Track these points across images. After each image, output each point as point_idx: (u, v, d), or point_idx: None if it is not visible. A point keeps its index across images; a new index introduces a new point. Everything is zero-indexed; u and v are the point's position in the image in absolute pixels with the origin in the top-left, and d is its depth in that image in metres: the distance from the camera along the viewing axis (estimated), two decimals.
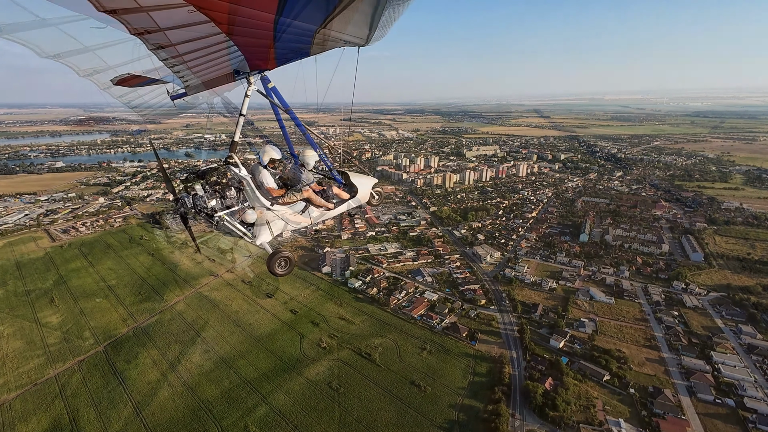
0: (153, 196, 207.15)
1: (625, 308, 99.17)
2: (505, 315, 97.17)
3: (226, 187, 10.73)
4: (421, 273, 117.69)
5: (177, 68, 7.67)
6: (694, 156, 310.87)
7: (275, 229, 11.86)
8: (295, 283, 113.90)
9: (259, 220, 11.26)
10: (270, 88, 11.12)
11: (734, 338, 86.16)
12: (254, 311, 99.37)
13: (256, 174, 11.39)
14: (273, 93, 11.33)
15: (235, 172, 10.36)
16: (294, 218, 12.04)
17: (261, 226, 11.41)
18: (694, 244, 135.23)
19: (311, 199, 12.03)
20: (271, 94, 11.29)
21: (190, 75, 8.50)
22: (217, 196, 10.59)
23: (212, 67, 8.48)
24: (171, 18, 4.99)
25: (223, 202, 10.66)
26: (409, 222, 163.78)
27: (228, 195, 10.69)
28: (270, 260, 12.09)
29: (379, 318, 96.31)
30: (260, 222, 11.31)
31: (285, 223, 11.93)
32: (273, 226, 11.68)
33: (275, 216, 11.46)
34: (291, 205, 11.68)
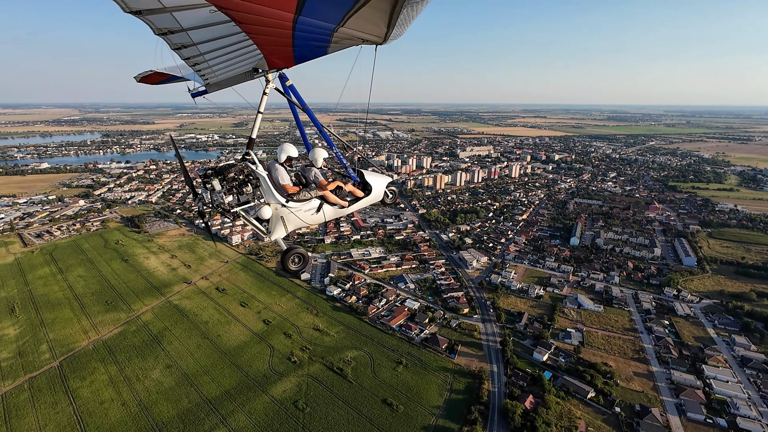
0: (136, 198, 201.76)
1: (614, 317, 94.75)
2: (488, 325, 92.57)
3: (243, 183, 10.61)
4: (404, 279, 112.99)
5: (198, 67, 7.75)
6: (689, 156, 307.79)
7: (290, 226, 11.70)
8: (271, 290, 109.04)
9: (275, 217, 11.22)
10: (288, 86, 11.12)
11: (727, 350, 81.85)
12: (225, 321, 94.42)
13: (272, 171, 11.46)
14: (290, 91, 11.28)
15: (252, 168, 10.55)
16: (308, 215, 11.84)
17: (276, 223, 11.38)
18: (687, 247, 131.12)
19: (326, 197, 12.00)
20: (289, 92, 11.27)
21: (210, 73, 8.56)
22: (234, 192, 10.50)
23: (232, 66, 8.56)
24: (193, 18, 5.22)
25: (240, 199, 10.60)
26: (396, 225, 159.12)
27: (245, 191, 10.62)
28: (284, 256, 11.89)
29: (356, 328, 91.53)
30: (275, 218, 11.25)
31: (300, 219, 11.76)
32: (288, 222, 11.55)
33: (290, 213, 11.38)
34: (306, 203, 11.61)
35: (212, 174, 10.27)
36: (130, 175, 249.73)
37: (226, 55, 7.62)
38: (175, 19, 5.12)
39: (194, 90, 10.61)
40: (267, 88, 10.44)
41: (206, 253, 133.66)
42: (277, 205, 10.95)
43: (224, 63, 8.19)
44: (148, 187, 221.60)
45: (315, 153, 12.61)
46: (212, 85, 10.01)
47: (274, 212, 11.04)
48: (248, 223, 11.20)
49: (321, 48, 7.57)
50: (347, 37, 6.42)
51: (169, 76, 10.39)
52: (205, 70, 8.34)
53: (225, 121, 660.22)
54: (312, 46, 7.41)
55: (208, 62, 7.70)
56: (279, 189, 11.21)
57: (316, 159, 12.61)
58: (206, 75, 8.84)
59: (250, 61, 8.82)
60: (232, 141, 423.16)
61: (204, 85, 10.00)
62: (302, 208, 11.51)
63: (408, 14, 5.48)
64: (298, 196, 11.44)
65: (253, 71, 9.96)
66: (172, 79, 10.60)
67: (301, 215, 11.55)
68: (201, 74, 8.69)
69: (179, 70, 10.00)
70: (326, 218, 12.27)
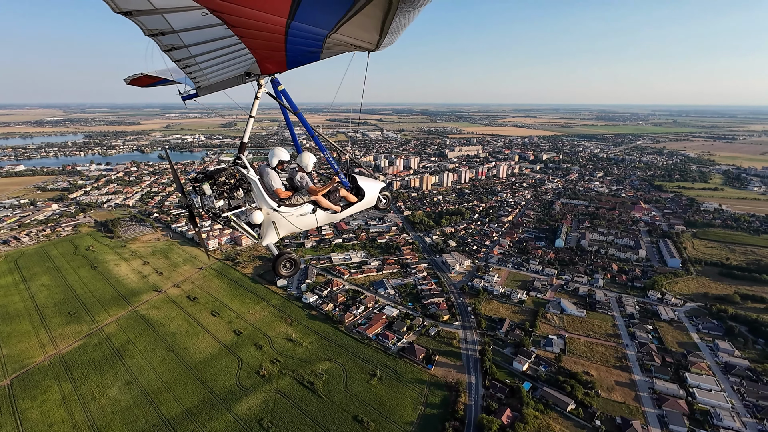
0: (112, 201, 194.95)
1: (597, 322, 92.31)
2: (469, 332, 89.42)
3: (234, 188, 10.33)
4: (384, 285, 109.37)
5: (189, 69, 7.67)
6: (676, 155, 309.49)
7: (282, 231, 11.40)
8: (245, 298, 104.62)
9: (266, 222, 10.96)
10: (280, 90, 10.89)
11: (710, 356, 79.79)
12: (193, 333, 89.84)
13: (264, 175, 11.22)
14: (283, 95, 11.05)
15: (244, 173, 10.27)
16: (301, 220, 11.54)
17: (268, 228, 11.10)
18: (672, 248, 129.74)
19: (319, 202, 11.71)
20: (281, 96, 11.03)
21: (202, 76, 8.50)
22: (225, 196, 10.18)
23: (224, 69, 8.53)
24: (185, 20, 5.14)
25: (231, 203, 10.30)
26: (379, 228, 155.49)
27: (236, 196, 10.36)
28: (275, 262, 11.18)
29: (331, 338, 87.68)
30: (267, 223, 11.02)
31: (292, 224, 11.41)
32: (280, 227, 11.25)
33: (282, 218, 11.07)
34: (298, 207, 11.34)
35: (203, 178, 9.95)
36: (109, 177, 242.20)
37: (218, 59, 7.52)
38: (166, 20, 5.06)
39: (185, 93, 10.28)
40: (259, 93, 10.22)
41: (180, 259, 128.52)
42: (268, 210, 10.74)
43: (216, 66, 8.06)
44: (127, 190, 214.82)
45: (304, 157, 12.28)
46: (203, 89, 9.76)
47: (266, 217, 10.84)
48: (239, 228, 10.88)
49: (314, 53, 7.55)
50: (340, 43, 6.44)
51: (159, 78, 10.09)
52: (196, 73, 8.18)
53: (213, 122, 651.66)
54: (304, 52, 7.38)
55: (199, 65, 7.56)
56: (271, 193, 11.01)
57: (306, 163, 12.29)
58: (197, 78, 8.65)
59: (242, 65, 8.74)
60: (218, 142, 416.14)
61: (195, 88, 9.74)
62: (294, 213, 11.32)
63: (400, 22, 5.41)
64: (290, 201, 11.26)
65: (245, 75, 9.75)
66: (162, 82, 10.37)
67: (293, 220, 11.37)
68: (192, 77, 8.48)
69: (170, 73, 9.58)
70: (319, 223, 12.08)
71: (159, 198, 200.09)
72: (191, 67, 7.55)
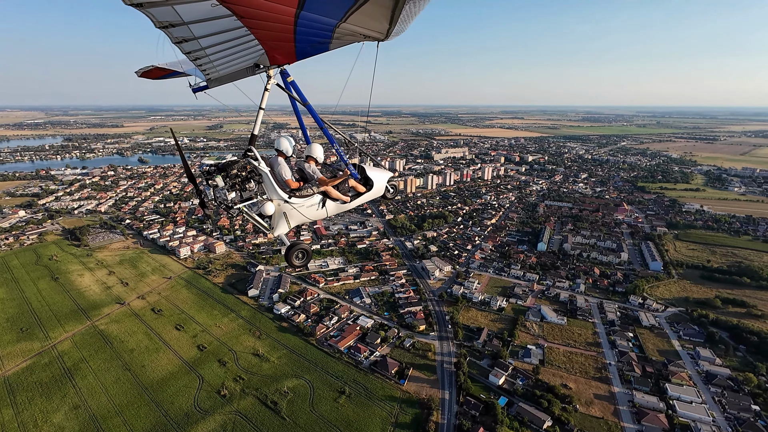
0: (84, 207, 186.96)
1: (577, 330, 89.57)
2: (445, 343, 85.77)
3: (245, 180, 10.40)
4: (360, 294, 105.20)
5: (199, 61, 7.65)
6: (659, 156, 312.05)
7: (293, 222, 11.46)
8: (213, 310, 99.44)
9: (277, 213, 11.02)
10: (289, 82, 10.76)
11: (691, 364, 77.50)
12: (154, 349, 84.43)
13: (274, 167, 11.33)
14: (292, 87, 10.93)
15: (255, 165, 10.43)
16: (311, 211, 11.56)
17: (279, 218, 11.18)
18: (654, 251, 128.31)
19: (328, 192, 11.71)
20: (290, 88, 10.91)
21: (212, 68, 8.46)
22: (237, 188, 10.30)
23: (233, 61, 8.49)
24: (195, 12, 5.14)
25: (243, 195, 10.44)
26: (360, 232, 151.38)
27: (247, 187, 10.45)
28: (288, 252, 11.75)
29: (301, 352, 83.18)
30: (278, 214, 11.07)
31: (302, 215, 11.45)
32: (291, 218, 11.32)
33: (293, 208, 11.18)
34: (308, 198, 11.38)
35: (215, 171, 10.00)
36: (84, 182, 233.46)
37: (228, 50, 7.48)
38: (176, 12, 5.07)
39: (195, 85, 10.17)
40: (268, 84, 10.11)
41: (149, 269, 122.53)
42: (279, 201, 10.79)
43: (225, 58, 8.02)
44: (101, 195, 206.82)
45: (313, 149, 12.23)
46: (213, 81, 9.57)
47: (277, 208, 10.87)
48: (250, 219, 10.96)
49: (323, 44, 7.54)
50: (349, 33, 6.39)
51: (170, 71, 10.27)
52: (206, 65, 8.13)
53: (199, 124, 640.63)
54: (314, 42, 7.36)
55: (209, 57, 7.53)
56: (281, 185, 11.03)
57: (316, 154, 12.20)
58: (207, 70, 8.57)
59: (251, 57, 8.70)
60: (202, 144, 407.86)
61: (205, 80, 9.59)
62: (305, 204, 11.34)
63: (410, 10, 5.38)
64: (300, 192, 11.30)
65: (255, 67, 9.67)
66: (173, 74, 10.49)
67: (303, 211, 11.37)
68: (202, 69, 8.41)
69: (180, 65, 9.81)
70: (329, 213, 12.03)
71: (134, 203, 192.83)
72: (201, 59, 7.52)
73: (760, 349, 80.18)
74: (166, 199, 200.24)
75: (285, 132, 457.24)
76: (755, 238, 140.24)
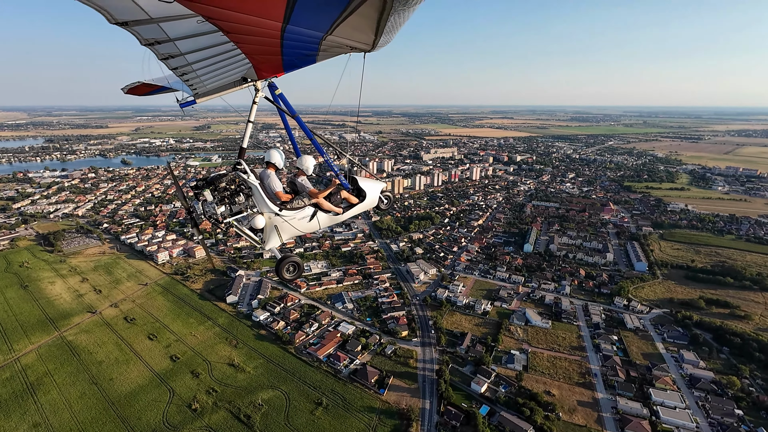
0: (61, 211, 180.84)
1: (561, 333, 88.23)
2: (428, 349, 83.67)
3: (235, 193, 10.23)
4: (342, 299, 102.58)
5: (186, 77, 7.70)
6: (645, 155, 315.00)
7: (284, 235, 11.22)
8: (189, 318, 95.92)
9: (268, 226, 10.80)
10: (277, 94, 10.80)
11: (675, 368, 76.62)
12: (124, 360, 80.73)
13: (264, 179, 11.16)
14: (280, 99, 10.93)
15: (244, 178, 10.29)
16: (303, 223, 11.33)
17: (270, 232, 10.94)
18: (639, 251, 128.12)
19: (320, 204, 11.56)
20: (279, 100, 10.90)
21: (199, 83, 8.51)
22: (226, 202, 10.15)
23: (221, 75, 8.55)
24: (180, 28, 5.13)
25: (232, 209, 10.26)
26: (345, 235, 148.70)
27: (237, 201, 10.27)
28: (279, 265, 11.72)
29: (279, 361, 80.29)
30: (269, 227, 10.83)
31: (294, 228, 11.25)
32: (282, 231, 11.07)
33: (284, 221, 10.93)
34: (299, 210, 11.16)
35: (203, 185, 9.94)
36: (63, 184, 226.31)
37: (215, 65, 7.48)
38: (162, 29, 5.07)
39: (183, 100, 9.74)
40: (256, 97, 10.11)
41: (124, 275, 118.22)
42: (270, 214, 10.64)
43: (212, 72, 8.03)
44: (79, 198, 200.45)
45: (304, 160, 11.90)
46: (201, 95, 9.61)
47: (268, 221, 10.72)
48: (241, 233, 10.91)
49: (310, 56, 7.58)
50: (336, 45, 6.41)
51: (157, 87, 9.90)
52: (193, 80, 8.15)
53: (186, 125, 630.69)
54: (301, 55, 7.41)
55: (195, 72, 7.52)
56: (272, 197, 10.91)
57: (306, 166, 11.90)
58: (194, 85, 8.60)
59: (238, 71, 8.70)
60: (187, 145, 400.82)
61: (192, 95, 9.54)
62: (296, 216, 11.14)
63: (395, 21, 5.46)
64: (291, 205, 11.13)
65: (242, 80, 9.68)
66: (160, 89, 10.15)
67: (295, 223, 11.16)
68: (189, 84, 8.44)
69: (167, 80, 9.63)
70: (321, 226, 11.88)
71: (113, 206, 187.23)
72: (188, 75, 7.52)
73: (743, 351, 79.67)
74: (147, 202, 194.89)
75: (274, 132, 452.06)
76: (738, 237, 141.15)
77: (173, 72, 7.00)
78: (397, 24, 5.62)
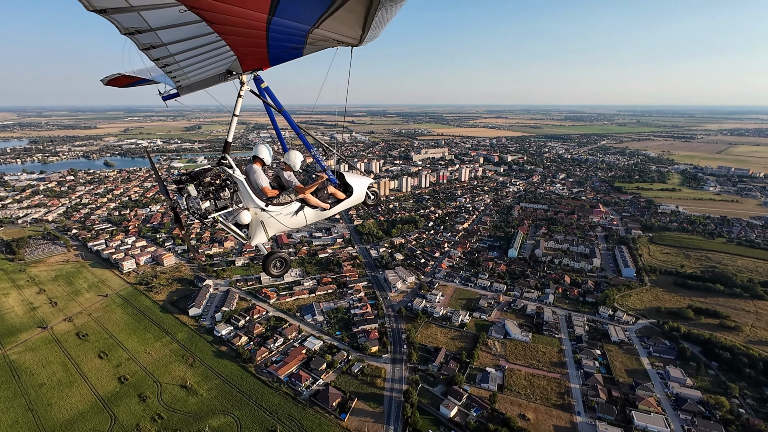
0: (29, 216, 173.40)
1: (542, 348, 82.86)
2: (398, 367, 77.98)
3: (220, 188, 9.91)
4: (312, 310, 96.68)
5: (169, 68, 7.43)
6: (637, 155, 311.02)
7: (270, 231, 11.03)
8: (147, 333, 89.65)
9: (254, 222, 10.51)
10: (263, 88, 10.51)
11: (660, 386, 71.40)
12: (68, 382, 74.41)
13: (250, 174, 10.83)
14: (266, 93, 10.64)
15: (229, 173, 9.94)
16: (289, 219, 11.10)
17: (256, 228, 10.68)
18: (627, 256, 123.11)
19: (307, 200, 11.27)
20: (264, 94, 10.62)
21: (182, 75, 8.25)
22: (211, 197, 9.79)
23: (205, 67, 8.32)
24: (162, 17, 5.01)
25: (217, 204, 9.91)
26: (324, 240, 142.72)
27: (222, 196, 9.94)
28: (265, 261, 11.20)
29: (236, 382, 74.30)
30: (255, 223, 10.55)
31: (280, 223, 11.01)
32: (268, 227, 10.86)
33: (270, 217, 10.68)
34: (286, 206, 10.88)
35: (187, 179, 9.55)
36: (38, 187, 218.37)
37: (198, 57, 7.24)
38: (142, 18, 4.88)
39: (166, 93, 9.71)
40: (242, 91, 9.78)
41: (85, 285, 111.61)
42: (256, 210, 10.36)
43: (196, 64, 7.77)
44: (53, 202, 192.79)
45: (291, 155, 11.75)
46: (184, 88, 9.36)
47: (254, 217, 10.43)
48: (226, 228, 10.43)
49: (296, 50, 7.46)
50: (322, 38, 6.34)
51: (137, 78, 9.59)
52: (176, 72, 7.87)
53: (176, 125, 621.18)
54: (287, 48, 7.26)
55: (178, 63, 7.28)
56: (258, 193, 10.60)
57: (293, 161, 11.73)
58: (177, 77, 8.32)
59: (223, 63, 8.42)
60: (175, 146, 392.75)
61: (175, 87, 9.32)
62: (282, 212, 10.85)
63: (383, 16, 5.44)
64: (277, 200, 10.77)
65: (227, 73, 9.37)
66: (141, 81, 9.90)
67: (281, 219, 10.91)
68: (172, 76, 8.14)
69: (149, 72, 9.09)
70: (308, 221, 11.58)
71: (87, 211, 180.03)
72: (171, 66, 7.23)
73: (732, 367, 74.68)
74: (122, 206, 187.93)
75: (265, 132, 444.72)
76: (729, 240, 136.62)
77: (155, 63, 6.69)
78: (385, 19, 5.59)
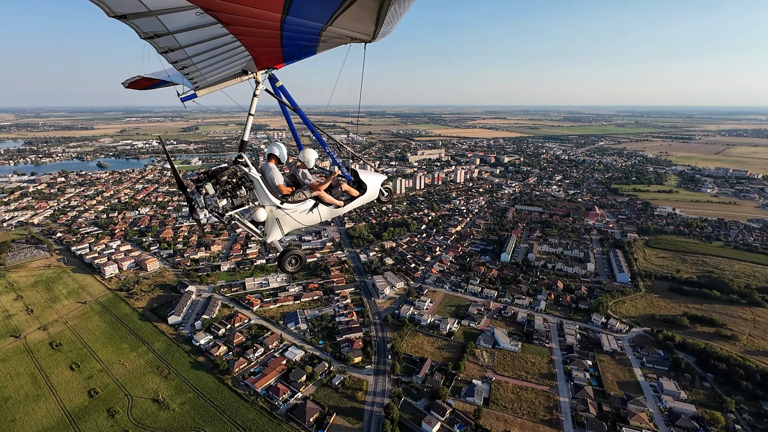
0: (15, 219, 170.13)
1: (531, 358, 79.84)
2: (381, 379, 74.93)
3: (236, 186, 10.03)
4: (296, 318, 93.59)
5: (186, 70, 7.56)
6: (635, 156, 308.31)
7: (286, 228, 11.09)
8: (123, 342, 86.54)
9: (270, 219, 10.71)
10: (278, 86, 10.65)
11: (653, 399, 68.39)
12: (35, 396, 71.29)
13: (266, 172, 11.02)
14: (281, 92, 10.78)
15: (245, 171, 10.16)
16: (304, 216, 11.24)
17: (272, 225, 10.84)
18: (622, 261, 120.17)
19: (321, 197, 11.36)
20: (279, 93, 10.75)
21: (199, 76, 8.35)
22: (228, 195, 9.91)
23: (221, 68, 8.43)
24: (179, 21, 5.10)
25: (234, 202, 10.02)
26: (314, 244, 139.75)
27: (238, 194, 10.05)
28: (281, 258, 11.40)
29: (211, 396, 71.18)
30: (271, 220, 10.74)
31: (295, 221, 11.13)
32: (284, 224, 10.97)
33: (285, 214, 10.83)
34: (301, 203, 11.06)
35: (205, 178, 9.78)
36: (27, 189, 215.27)
37: (214, 57, 7.35)
38: (161, 22, 5.00)
39: (184, 94, 9.81)
40: (257, 90, 9.87)
41: (65, 291, 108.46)
42: (272, 207, 10.55)
43: (212, 65, 7.91)
44: (40, 205, 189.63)
45: (306, 153, 12.00)
46: (201, 89, 9.44)
47: (270, 214, 10.65)
48: (243, 226, 10.57)
49: (310, 47, 7.56)
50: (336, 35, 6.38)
51: (156, 81, 10.05)
52: (194, 73, 8.00)
53: (173, 126, 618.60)
54: (301, 46, 7.34)
55: (195, 65, 7.40)
56: (273, 190, 10.77)
57: (307, 159, 11.98)
58: (194, 78, 8.41)
59: (238, 63, 8.57)
60: (170, 147, 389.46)
61: (193, 88, 9.41)
62: (297, 209, 11.03)
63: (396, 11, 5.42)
64: (292, 197, 10.97)
65: (243, 73, 9.54)
66: (160, 83, 10.36)
67: (296, 216, 11.09)
68: (189, 77, 8.23)
69: (167, 74, 9.53)
70: (322, 218, 11.70)
71: (74, 214, 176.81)
72: (188, 68, 7.37)
73: (728, 379, 71.69)
74: (111, 208, 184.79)
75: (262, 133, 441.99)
76: (726, 243, 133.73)
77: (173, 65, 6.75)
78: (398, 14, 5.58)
